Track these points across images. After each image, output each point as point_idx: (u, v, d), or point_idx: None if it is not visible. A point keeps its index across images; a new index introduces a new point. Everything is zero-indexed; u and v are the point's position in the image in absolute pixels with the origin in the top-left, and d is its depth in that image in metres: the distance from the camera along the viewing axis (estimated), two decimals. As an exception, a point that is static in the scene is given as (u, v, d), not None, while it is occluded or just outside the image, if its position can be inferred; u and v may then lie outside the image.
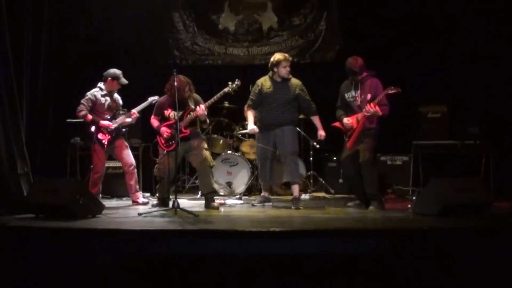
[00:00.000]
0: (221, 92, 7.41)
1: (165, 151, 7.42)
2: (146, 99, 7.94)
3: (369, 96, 7.16)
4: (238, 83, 7.48)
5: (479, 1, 8.73)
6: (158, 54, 10.52)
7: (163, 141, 7.48)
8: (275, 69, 7.69)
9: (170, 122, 7.42)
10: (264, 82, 7.79)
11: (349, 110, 7.38)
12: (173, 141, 7.30)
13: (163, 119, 7.57)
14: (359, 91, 7.26)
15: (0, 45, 7.02)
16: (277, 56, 7.74)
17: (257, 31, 10.58)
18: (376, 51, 8.89)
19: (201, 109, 7.26)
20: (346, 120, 7.29)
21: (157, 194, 7.88)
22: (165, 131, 7.42)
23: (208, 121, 7.65)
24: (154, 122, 7.63)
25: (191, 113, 7.38)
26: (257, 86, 7.84)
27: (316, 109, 7.83)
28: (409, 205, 7.30)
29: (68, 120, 8.66)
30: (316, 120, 7.84)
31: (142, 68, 9.82)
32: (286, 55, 7.81)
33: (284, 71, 7.64)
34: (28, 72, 7.79)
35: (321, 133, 7.80)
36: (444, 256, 5.04)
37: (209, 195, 7.54)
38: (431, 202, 6.32)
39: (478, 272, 5.03)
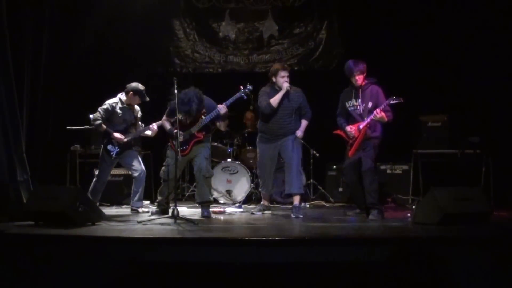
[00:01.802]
0: (234, 97, 7.42)
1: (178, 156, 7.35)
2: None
3: (370, 104, 7.15)
4: (250, 87, 7.49)
5: (480, 11, 8.74)
6: (158, 62, 10.53)
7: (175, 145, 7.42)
8: (274, 79, 7.69)
9: (183, 125, 7.38)
10: (268, 91, 7.75)
11: (351, 118, 7.37)
12: (187, 146, 7.33)
13: (175, 121, 7.53)
14: (360, 100, 7.24)
15: (1, 52, 7.03)
16: (275, 66, 7.76)
17: (258, 39, 10.60)
18: (376, 60, 8.87)
19: (223, 107, 7.31)
20: (349, 128, 7.28)
21: (157, 200, 7.78)
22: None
23: (227, 118, 7.62)
24: (166, 124, 7.59)
25: (203, 116, 7.37)
26: (263, 93, 7.79)
27: (310, 117, 7.80)
28: (409, 214, 7.29)
29: (68, 127, 8.67)
30: (303, 123, 7.77)
31: (143, 75, 9.81)
32: (285, 65, 7.81)
33: (281, 81, 7.63)
34: (29, 78, 7.79)
35: (300, 134, 7.72)
36: (443, 266, 5.04)
37: (203, 205, 7.53)
38: (430, 211, 6.31)
39: (477, 282, 5.02)
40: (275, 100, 7.58)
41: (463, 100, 8.93)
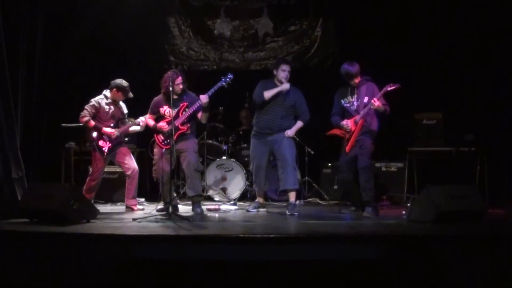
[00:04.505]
0: (215, 87, 7.42)
1: (163, 149, 7.39)
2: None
3: (366, 99, 7.18)
4: (231, 76, 7.50)
5: (476, 10, 8.74)
6: (153, 59, 10.49)
7: (160, 139, 7.47)
8: (275, 72, 7.70)
9: (167, 119, 7.43)
10: (268, 84, 7.77)
11: (346, 115, 7.39)
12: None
13: (159, 117, 7.57)
14: (355, 96, 7.28)
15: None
16: (278, 59, 7.77)
17: (253, 37, 10.58)
18: (372, 58, 8.89)
19: (205, 97, 7.31)
20: (344, 122, 7.29)
21: (162, 200, 7.74)
22: (163, 126, 7.42)
23: (209, 109, 7.61)
24: (150, 121, 7.64)
25: (187, 109, 7.40)
26: (262, 84, 7.81)
27: (307, 119, 7.78)
28: (404, 212, 7.30)
29: (63, 124, 8.65)
30: (298, 124, 7.77)
31: (138, 73, 9.82)
32: (288, 59, 7.80)
33: (282, 74, 7.63)
34: (23, 76, 7.78)
35: (289, 133, 7.69)
36: (438, 263, 5.05)
37: (195, 199, 7.53)
38: (425, 209, 6.31)
39: (471, 279, 5.04)
40: (268, 93, 7.60)
41: (458, 98, 8.93)
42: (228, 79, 7.48)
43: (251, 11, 10.57)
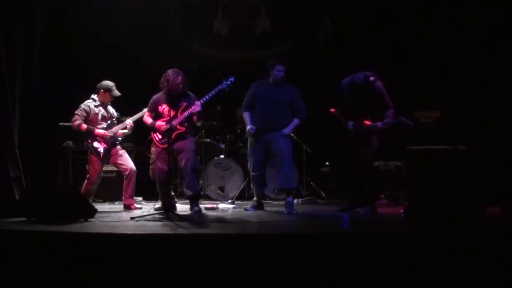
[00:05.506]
0: (216, 89, 7.41)
1: (160, 149, 7.38)
2: (139, 107, 7.97)
3: (373, 102, 7.18)
4: (232, 79, 7.48)
5: (473, 9, 8.75)
6: (151, 58, 10.48)
7: (158, 138, 7.46)
8: (270, 72, 7.70)
9: (165, 118, 7.41)
10: (260, 84, 7.80)
11: (351, 110, 7.38)
12: (169, 138, 7.32)
13: (157, 115, 7.56)
14: (363, 96, 7.25)
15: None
16: (273, 59, 7.76)
17: (250, 36, 10.57)
18: (370, 57, 8.89)
19: (198, 105, 7.29)
20: (351, 127, 7.30)
21: (159, 198, 7.76)
22: (161, 125, 7.40)
23: (203, 117, 7.63)
24: (148, 119, 7.61)
25: (185, 109, 7.38)
26: (252, 88, 7.84)
27: (304, 117, 7.78)
28: (402, 210, 7.30)
29: (60, 123, 8.64)
30: (294, 121, 7.74)
31: (136, 71, 9.81)
32: (283, 59, 7.81)
33: (277, 74, 7.64)
34: (21, 74, 7.76)
35: (286, 131, 7.66)
36: (436, 262, 5.05)
37: (192, 198, 7.51)
38: (423, 208, 6.32)
39: (469, 278, 5.04)
40: (246, 118, 7.82)
41: (455, 96, 8.93)
42: (229, 82, 7.46)
43: (249, 10, 10.56)
